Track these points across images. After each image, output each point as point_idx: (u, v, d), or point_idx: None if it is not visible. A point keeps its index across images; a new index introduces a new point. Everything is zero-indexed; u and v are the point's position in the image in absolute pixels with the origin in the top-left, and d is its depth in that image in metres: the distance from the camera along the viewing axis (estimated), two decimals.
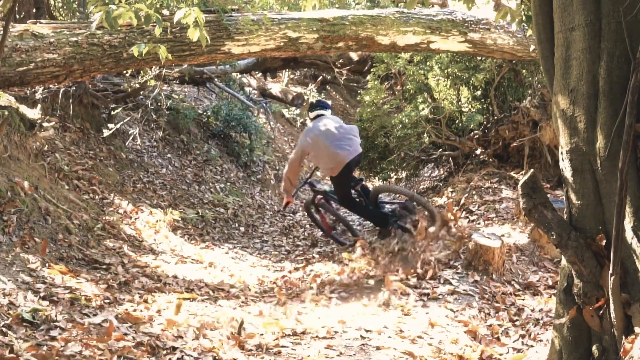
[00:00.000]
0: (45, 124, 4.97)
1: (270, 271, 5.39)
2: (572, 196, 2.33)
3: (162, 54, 3.73)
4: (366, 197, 5.57)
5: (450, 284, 4.30)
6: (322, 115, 5.61)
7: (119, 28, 4.45)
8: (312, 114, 5.72)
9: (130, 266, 4.47)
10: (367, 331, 3.43)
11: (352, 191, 5.54)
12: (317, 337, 3.35)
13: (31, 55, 4.38)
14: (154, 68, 6.63)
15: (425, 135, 7.26)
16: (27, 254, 3.81)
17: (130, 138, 7.18)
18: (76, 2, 8.15)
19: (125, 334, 2.91)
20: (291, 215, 8.02)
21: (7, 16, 3.67)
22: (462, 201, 6.18)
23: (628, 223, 2.16)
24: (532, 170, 2.47)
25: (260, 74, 11.42)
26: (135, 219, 5.69)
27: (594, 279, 2.26)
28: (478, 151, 7.12)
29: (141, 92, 7.46)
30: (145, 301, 3.63)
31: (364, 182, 5.82)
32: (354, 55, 10.44)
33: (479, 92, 7.36)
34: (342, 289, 4.66)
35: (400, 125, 7.24)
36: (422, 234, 4.84)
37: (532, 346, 3.45)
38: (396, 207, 5.55)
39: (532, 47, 5.76)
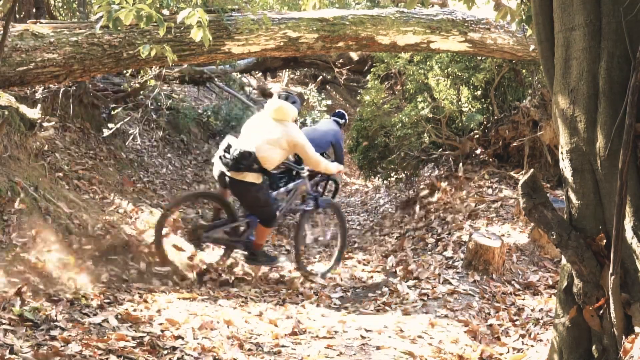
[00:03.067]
0: (45, 124, 4.96)
1: (271, 271, 5.38)
2: (572, 196, 2.33)
3: (170, 56, 3.73)
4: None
5: (450, 283, 4.30)
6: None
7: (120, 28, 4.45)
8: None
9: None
10: (367, 331, 3.43)
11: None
12: (317, 337, 3.35)
13: (31, 55, 4.38)
14: (154, 68, 6.63)
15: (425, 135, 7.25)
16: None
17: (130, 138, 7.17)
18: (76, 2, 8.15)
19: (126, 334, 2.91)
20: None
21: (7, 16, 3.67)
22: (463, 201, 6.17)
23: (628, 223, 2.16)
24: (532, 170, 2.47)
25: (260, 73, 11.43)
26: (136, 218, 5.68)
27: (594, 279, 2.26)
28: (478, 151, 7.11)
29: (141, 92, 7.45)
30: (145, 301, 3.62)
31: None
32: (354, 55, 10.46)
33: (479, 92, 7.35)
34: (342, 288, 4.67)
35: (400, 125, 7.23)
36: None
37: (532, 346, 3.45)
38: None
39: (532, 47, 5.75)
